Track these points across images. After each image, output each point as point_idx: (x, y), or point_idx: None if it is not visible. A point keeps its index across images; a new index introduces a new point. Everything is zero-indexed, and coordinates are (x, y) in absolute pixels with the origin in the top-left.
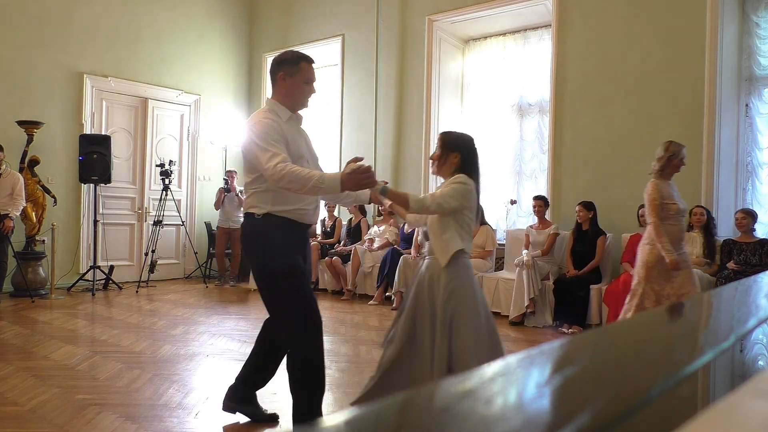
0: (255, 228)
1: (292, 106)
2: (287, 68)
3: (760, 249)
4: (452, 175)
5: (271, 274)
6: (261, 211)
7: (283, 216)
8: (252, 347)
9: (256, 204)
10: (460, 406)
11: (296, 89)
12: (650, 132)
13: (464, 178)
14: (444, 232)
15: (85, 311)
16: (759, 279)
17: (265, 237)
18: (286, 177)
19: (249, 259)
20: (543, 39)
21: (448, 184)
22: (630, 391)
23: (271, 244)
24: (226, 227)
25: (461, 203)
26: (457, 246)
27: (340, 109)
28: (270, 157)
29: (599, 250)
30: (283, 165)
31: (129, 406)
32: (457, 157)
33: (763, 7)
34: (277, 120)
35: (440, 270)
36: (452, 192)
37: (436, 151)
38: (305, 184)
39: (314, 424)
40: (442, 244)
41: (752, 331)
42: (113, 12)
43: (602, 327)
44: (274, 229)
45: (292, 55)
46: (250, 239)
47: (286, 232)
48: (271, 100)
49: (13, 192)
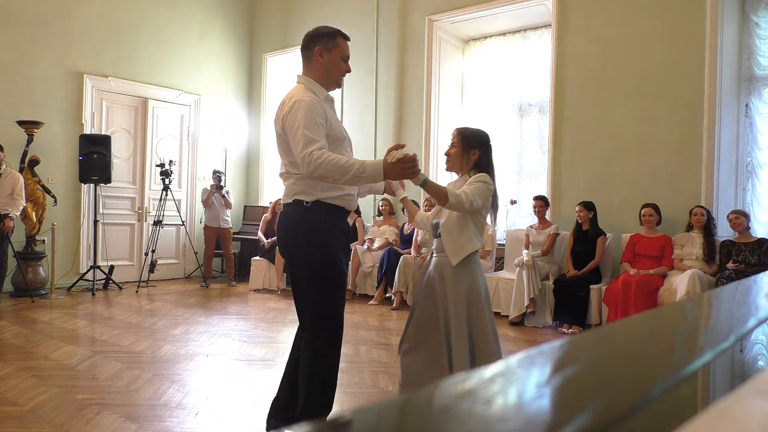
0: (303, 217)
1: (328, 85)
2: (325, 42)
3: (758, 249)
4: (469, 172)
5: (316, 268)
6: (311, 198)
7: (333, 203)
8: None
9: (304, 190)
10: (460, 406)
11: (334, 65)
12: (650, 132)
13: (487, 177)
14: (461, 231)
15: (85, 311)
16: (759, 279)
17: (315, 227)
18: (322, 166)
19: (288, 247)
20: (543, 39)
21: (472, 182)
22: (630, 391)
23: (320, 236)
24: (216, 227)
25: (485, 203)
26: (473, 247)
27: (341, 109)
28: (307, 143)
29: (599, 251)
30: (319, 153)
31: (129, 406)
32: (476, 154)
33: (763, 7)
34: (316, 99)
35: (451, 269)
36: (478, 191)
37: (454, 147)
38: (345, 173)
39: (314, 424)
40: (458, 244)
41: (752, 331)
42: (113, 12)
43: (602, 327)
44: (324, 219)
45: (328, 30)
46: (297, 229)
47: (335, 221)
48: (305, 78)
49: (13, 192)
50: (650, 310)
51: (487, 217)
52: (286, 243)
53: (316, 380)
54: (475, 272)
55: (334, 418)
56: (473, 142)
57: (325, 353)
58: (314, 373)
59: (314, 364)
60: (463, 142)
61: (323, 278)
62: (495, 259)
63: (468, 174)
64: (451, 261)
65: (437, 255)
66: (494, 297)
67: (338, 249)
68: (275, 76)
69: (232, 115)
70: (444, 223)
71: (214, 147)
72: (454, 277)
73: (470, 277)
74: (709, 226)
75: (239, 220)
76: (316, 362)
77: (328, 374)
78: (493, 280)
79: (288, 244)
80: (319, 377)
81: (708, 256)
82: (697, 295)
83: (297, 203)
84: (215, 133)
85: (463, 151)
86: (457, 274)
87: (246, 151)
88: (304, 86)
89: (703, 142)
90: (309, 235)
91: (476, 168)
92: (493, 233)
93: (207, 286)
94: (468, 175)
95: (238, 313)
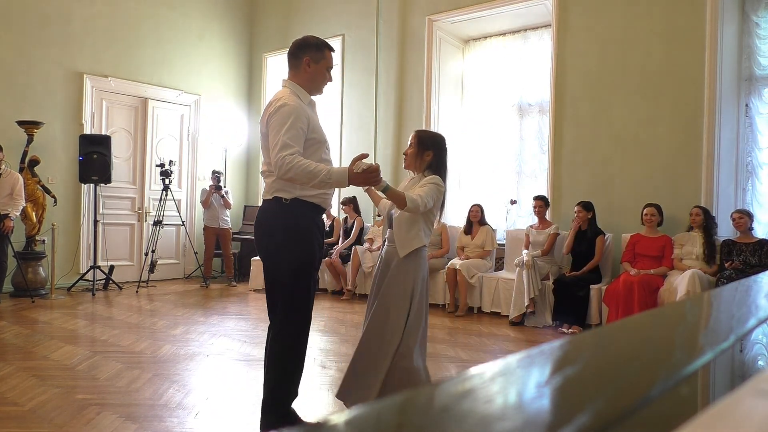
0: (282, 213)
1: (311, 91)
2: (313, 54)
3: (759, 249)
4: (423, 171)
5: (290, 260)
6: (290, 196)
7: (310, 201)
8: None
9: (284, 188)
10: (460, 406)
11: (320, 75)
12: (650, 132)
13: (438, 179)
14: (411, 228)
15: (85, 311)
16: (759, 279)
17: (292, 223)
18: (293, 170)
19: (265, 243)
20: (543, 39)
21: (425, 184)
22: (630, 391)
23: (297, 231)
24: (215, 227)
25: (435, 203)
26: (420, 243)
27: (340, 109)
28: (283, 147)
29: (598, 250)
30: (291, 157)
31: (129, 406)
32: (430, 155)
33: (763, 7)
34: (301, 104)
35: (398, 260)
36: (431, 192)
37: (411, 148)
38: (312, 178)
39: (315, 424)
40: (408, 239)
41: (752, 331)
42: (113, 12)
43: (602, 327)
44: (301, 215)
45: (316, 41)
46: (275, 224)
47: (311, 217)
48: (291, 83)
49: (13, 192)
50: (650, 310)
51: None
52: (263, 238)
53: (282, 370)
54: (418, 266)
55: (334, 417)
56: (428, 144)
57: (293, 343)
58: (283, 363)
59: (283, 354)
60: (420, 143)
61: (299, 272)
62: (495, 259)
63: (423, 173)
64: (399, 253)
65: (388, 244)
66: (494, 297)
67: (315, 245)
68: (275, 76)
69: (232, 115)
70: (397, 217)
71: (214, 147)
72: (397, 267)
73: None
74: (709, 225)
75: (239, 220)
76: (286, 353)
77: (296, 363)
78: (493, 280)
79: (265, 239)
80: (286, 366)
81: (708, 256)
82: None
83: (276, 200)
84: (215, 133)
85: (418, 151)
86: (400, 264)
87: (246, 151)
88: (290, 90)
89: (703, 142)
90: (282, 230)
91: (429, 168)
92: (493, 233)
93: (207, 286)
94: (423, 174)
95: (238, 313)
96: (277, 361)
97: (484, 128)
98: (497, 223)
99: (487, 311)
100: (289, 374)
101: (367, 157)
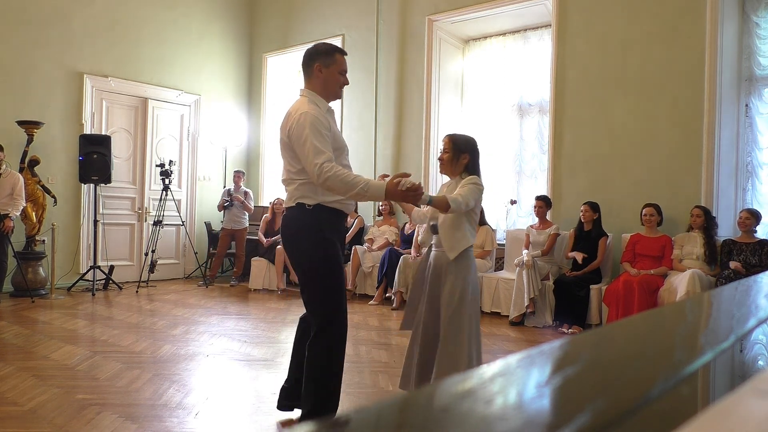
0: (305, 219)
1: (328, 97)
2: (323, 59)
3: (759, 250)
4: (461, 174)
5: (317, 265)
6: (312, 202)
7: (333, 207)
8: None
9: (306, 194)
10: (460, 406)
11: (332, 79)
12: (650, 132)
13: (478, 179)
14: (458, 228)
15: (85, 311)
16: (759, 279)
17: (316, 228)
18: (331, 179)
19: (291, 249)
20: (543, 39)
21: (465, 184)
22: (630, 391)
23: (321, 236)
24: (231, 228)
25: (477, 203)
26: (468, 242)
27: (340, 109)
28: (317, 154)
29: (601, 251)
30: (330, 165)
31: (129, 406)
32: (467, 158)
33: (763, 7)
34: (320, 110)
35: (448, 263)
36: (471, 192)
37: (446, 152)
38: (350, 189)
39: (315, 424)
40: (455, 240)
41: (752, 331)
42: (113, 12)
43: (602, 327)
44: (324, 220)
45: (326, 47)
46: (299, 230)
47: (334, 223)
48: (308, 91)
49: (13, 192)
50: (650, 310)
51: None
52: (287, 245)
53: (325, 369)
54: (470, 265)
55: (334, 417)
56: (464, 148)
57: (330, 342)
58: (323, 366)
59: (323, 357)
60: (455, 147)
61: (327, 276)
62: (495, 259)
63: (460, 177)
64: (449, 256)
65: (435, 249)
66: (494, 297)
67: (339, 250)
68: (275, 76)
69: (232, 115)
70: (442, 222)
71: (214, 147)
72: (450, 271)
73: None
74: (709, 226)
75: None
76: (325, 356)
77: (335, 373)
78: (493, 280)
79: (291, 246)
80: (328, 366)
81: (709, 257)
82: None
83: (300, 206)
84: (215, 133)
85: (454, 156)
86: (453, 268)
87: (246, 151)
88: (308, 99)
89: (703, 142)
90: (306, 236)
91: (466, 171)
92: (492, 233)
93: (207, 286)
94: (460, 177)
95: (238, 313)
96: (320, 365)
97: (484, 128)
98: (497, 223)
99: (487, 311)
100: (330, 393)
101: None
